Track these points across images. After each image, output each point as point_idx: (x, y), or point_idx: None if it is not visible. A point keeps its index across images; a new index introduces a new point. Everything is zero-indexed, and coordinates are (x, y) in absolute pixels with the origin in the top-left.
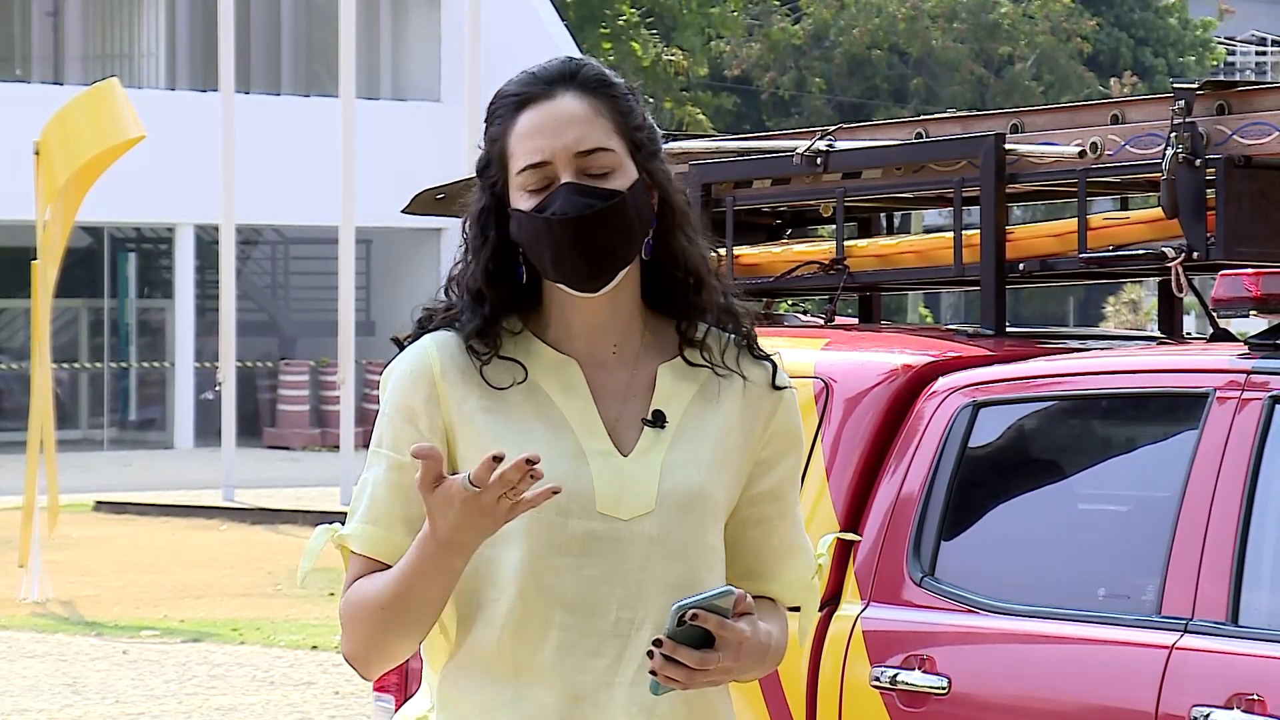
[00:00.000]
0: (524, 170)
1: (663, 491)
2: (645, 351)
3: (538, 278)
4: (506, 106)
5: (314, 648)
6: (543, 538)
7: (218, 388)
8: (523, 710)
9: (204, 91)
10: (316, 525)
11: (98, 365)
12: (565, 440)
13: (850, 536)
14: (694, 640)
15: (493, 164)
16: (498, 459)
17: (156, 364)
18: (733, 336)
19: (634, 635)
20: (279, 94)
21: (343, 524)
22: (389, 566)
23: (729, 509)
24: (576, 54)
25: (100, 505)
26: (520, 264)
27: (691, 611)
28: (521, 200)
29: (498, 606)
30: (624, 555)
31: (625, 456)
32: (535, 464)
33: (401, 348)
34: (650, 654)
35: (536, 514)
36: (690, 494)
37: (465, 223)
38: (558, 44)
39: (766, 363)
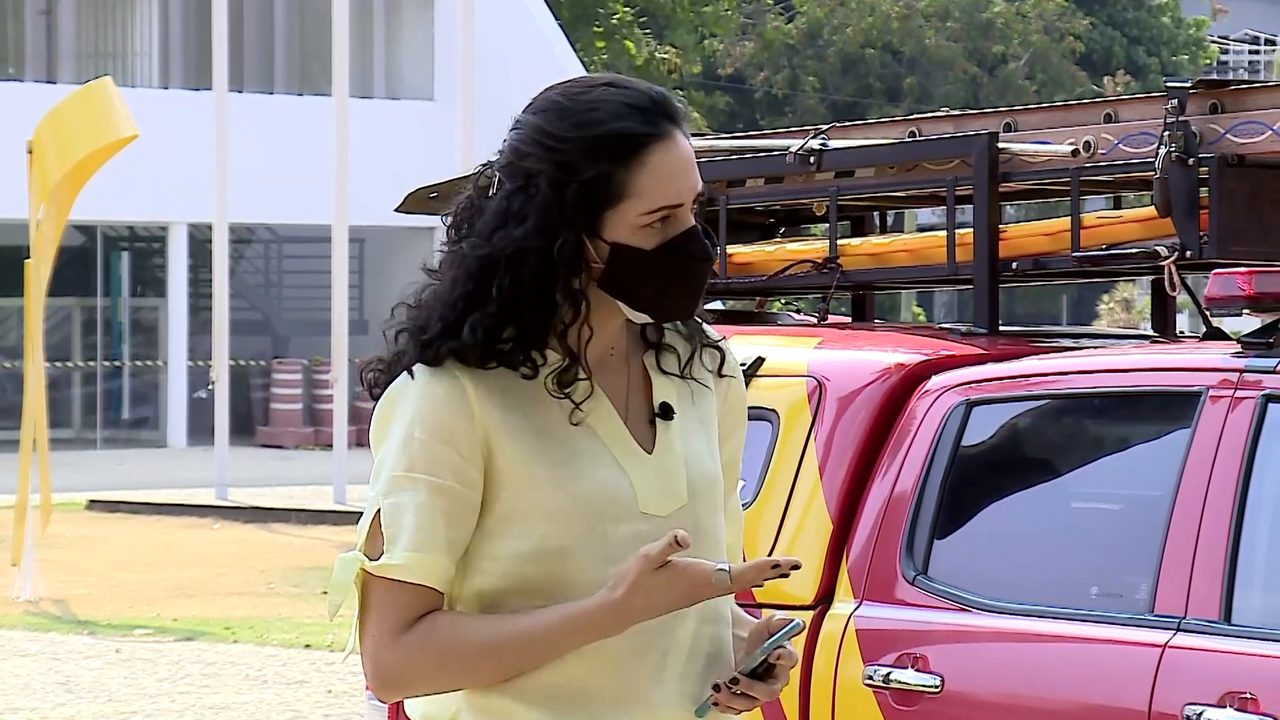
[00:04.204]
0: (656, 211)
1: (690, 482)
2: (631, 347)
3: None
4: (625, 142)
5: (307, 646)
6: (598, 547)
7: (211, 386)
8: (577, 713)
9: (197, 90)
10: (309, 525)
11: (91, 364)
12: (597, 447)
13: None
14: (757, 671)
15: (596, 196)
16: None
17: (149, 363)
18: (684, 333)
19: (677, 629)
20: (272, 93)
21: (363, 551)
22: (439, 592)
23: None
24: (570, 53)
25: (93, 504)
26: (582, 293)
27: (776, 653)
28: (638, 238)
29: None
30: None
31: (650, 454)
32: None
33: (391, 374)
34: (717, 688)
35: (588, 524)
36: (710, 481)
37: (532, 244)
38: (550, 42)
39: (715, 350)
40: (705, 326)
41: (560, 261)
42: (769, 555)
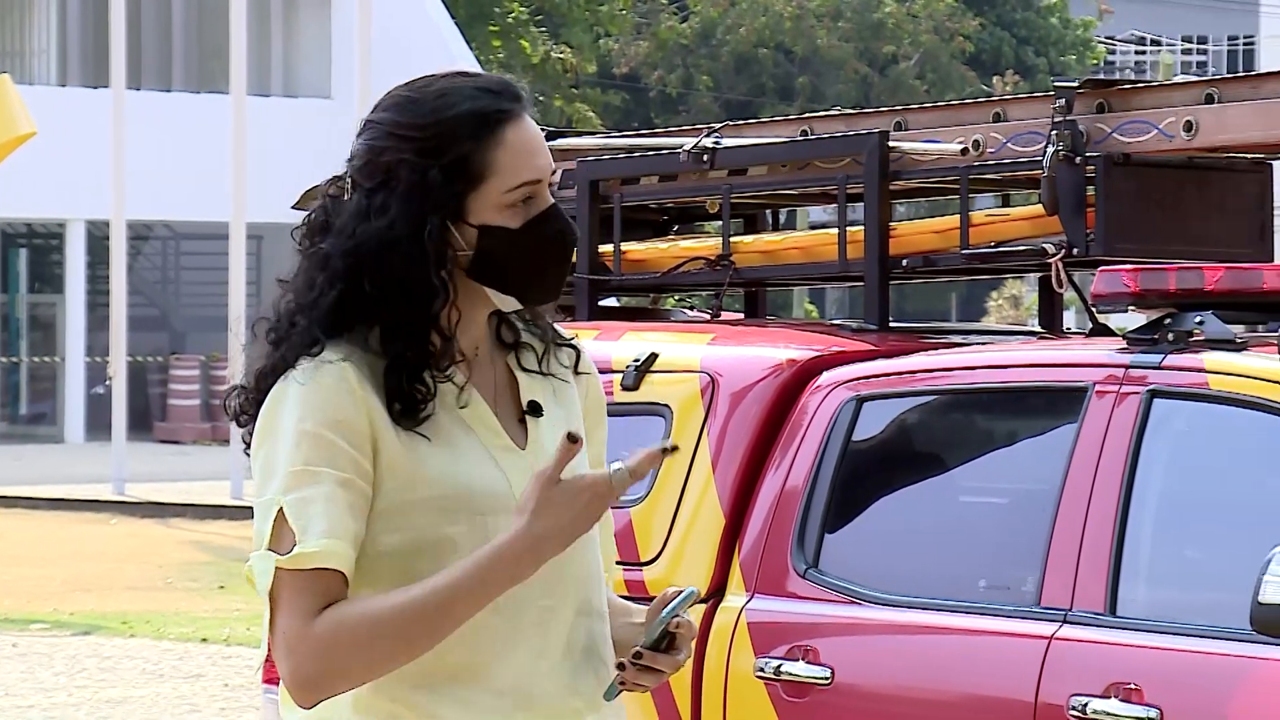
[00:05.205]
0: (520, 187)
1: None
2: (493, 347)
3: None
4: (481, 120)
5: (204, 640)
6: (480, 539)
7: (108, 382)
8: (455, 711)
9: (95, 88)
10: (206, 520)
11: None
12: (473, 442)
13: None
14: (658, 645)
15: (459, 177)
16: (667, 450)
17: (47, 359)
18: (537, 332)
19: (552, 623)
20: (170, 90)
21: (269, 548)
22: (348, 580)
23: None
24: (466, 51)
25: None
26: (449, 279)
27: (676, 621)
28: (504, 217)
29: None
30: None
31: (523, 450)
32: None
33: (261, 390)
34: (622, 665)
35: (470, 516)
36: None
37: (400, 232)
38: (447, 40)
39: (570, 349)
40: (556, 326)
41: (431, 246)
42: (660, 550)
